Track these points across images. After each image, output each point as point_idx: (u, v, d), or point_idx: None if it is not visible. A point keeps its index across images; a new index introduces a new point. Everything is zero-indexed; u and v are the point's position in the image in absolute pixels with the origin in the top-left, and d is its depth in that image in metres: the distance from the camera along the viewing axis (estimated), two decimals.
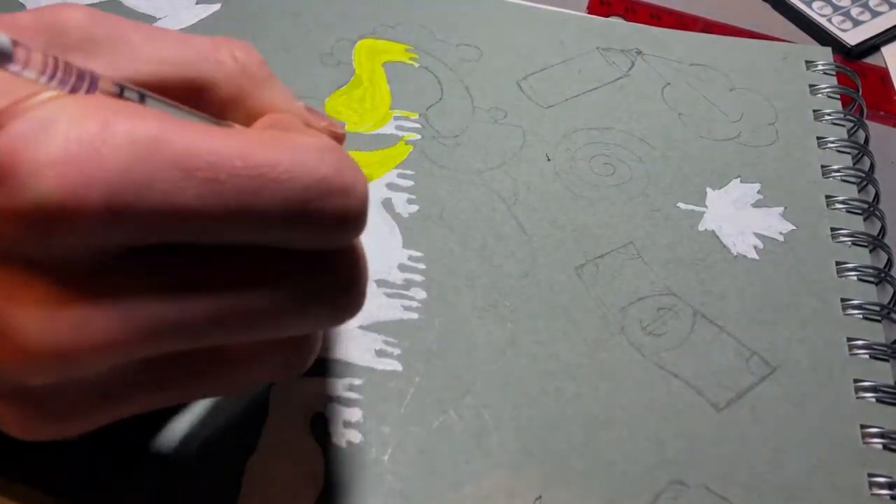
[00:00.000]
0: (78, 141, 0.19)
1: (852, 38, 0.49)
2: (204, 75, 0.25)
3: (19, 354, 0.20)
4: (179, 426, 0.31)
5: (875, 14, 0.51)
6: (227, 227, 0.21)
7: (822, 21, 0.50)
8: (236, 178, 0.20)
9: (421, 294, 0.35)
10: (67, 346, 0.20)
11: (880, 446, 0.32)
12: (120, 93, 0.21)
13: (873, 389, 0.34)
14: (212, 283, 0.21)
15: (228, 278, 0.22)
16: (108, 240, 0.20)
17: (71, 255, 0.20)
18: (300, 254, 0.22)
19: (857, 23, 0.50)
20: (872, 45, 0.50)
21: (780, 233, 0.39)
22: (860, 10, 0.51)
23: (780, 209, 0.40)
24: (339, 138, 0.29)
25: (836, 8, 0.51)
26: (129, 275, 0.21)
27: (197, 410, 0.31)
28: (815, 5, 0.51)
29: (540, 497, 0.30)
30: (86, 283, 0.20)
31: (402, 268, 0.36)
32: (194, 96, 0.25)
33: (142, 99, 0.22)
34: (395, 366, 0.33)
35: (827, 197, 0.41)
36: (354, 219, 0.22)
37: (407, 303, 0.35)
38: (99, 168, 0.19)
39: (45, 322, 0.20)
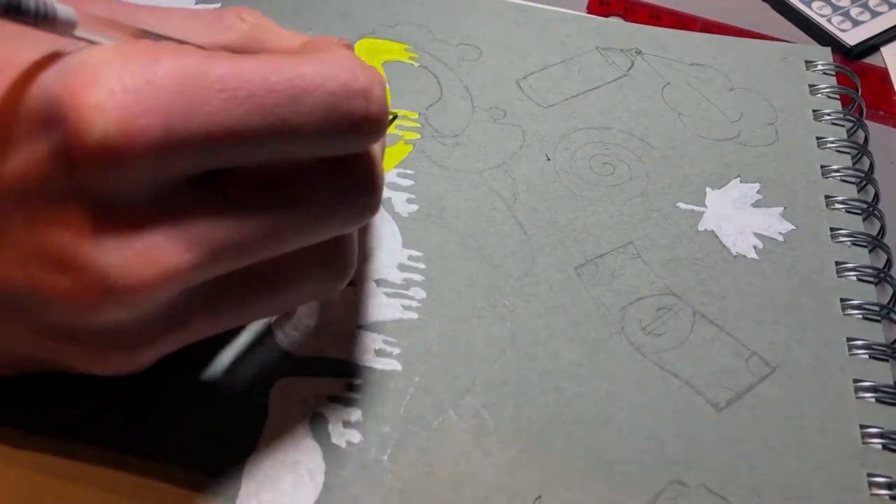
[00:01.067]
0: (131, 75, 0.20)
1: (852, 38, 0.49)
2: (220, 41, 0.28)
3: (95, 290, 0.21)
4: (179, 427, 0.31)
5: (875, 14, 0.51)
6: (269, 139, 0.22)
7: (822, 21, 0.50)
8: (272, 93, 0.22)
9: (420, 294, 0.35)
10: (139, 275, 0.21)
11: (880, 446, 0.32)
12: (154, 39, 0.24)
13: (873, 389, 0.34)
14: (260, 201, 0.24)
15: (273, 194, 0.24)
16: (168, 167, 0.21)
17: (134, 189, 0.21)
18: (326, 161, 0.25)
19: (856, 23, 0.50)
20: (872, 46, 0.50)
21: (780, 233, 0.39)
22: (860, 10, 0.51)
23: (780, 209, 0.40)
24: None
25: (835, 8, 0.51)
26: (188, 203, 0.22)
27: (196, 410, 0.31)
28: (814, 5, 0.51)
29: (539, 497, 0.30)
30: (149, 214, 0.22)
31: (402, 267, 0.36)
32: None
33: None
34: (395, 365, 0.33)
35: (826, 197, 0.41)
36: (376, 118, 0.24)
37: (407, 302, 0.35)
38: (152, 98, 0.20)
39: (115, 255, 0.21)
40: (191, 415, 0.31)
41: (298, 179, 0.25)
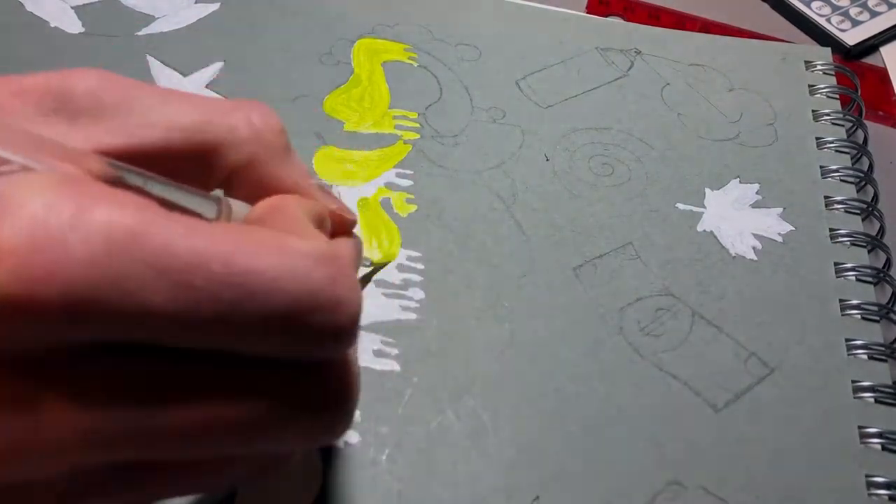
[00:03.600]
0: (45, 226, 0.17)
1: (851, 38, 0.49)
2: (214, 140, 0.24)
3: None
4: None
5: (874, 14, 0.51)
6: (199, 334, 0.19)
7: (822, 21, 0.50)
8: (214, 284, 0.18)
9: (419, 294, 0.35)
10: (13, 446, 0.18)
11: (878, 447, 0.32)
12: (116, 174, 0.20)
13: (871, 390, 0.34)
14: (179, 391, 0.19)
15: (199, 386, 0.20)
16: (65, 337, 0.18)
17: (21, 348, 0.18)
18: (283, 363, 0.21)
19: (856, 23, 0.50)
20: (871, 45, 0.50)
21: (779, 233, 0.39)
22: (859, 10, 0.51)
23: (779, 210, 0.40)
24: (347, 224, 0.28)
25: (834, 8, 0.51)
26: (87, 375, 0.18)
27: None
28: (813, 5, 0.51)
29: (538, 497, 0.30)
30: (35, 379, 0.18)
31: (401, 268, 0.36)
32: (203, 160, 0.24)
33: (144, 182, 0.20)
34: (394, 366, 0.33)
35: (826, 197, 0.41)
36: (344, 335, 0.21)
37: (405, 303, 0.35)
38: (62, 261, 0.17)
39: None
40: None
41: (243, 376, 0.20)
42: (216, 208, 0.22)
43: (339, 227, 0.28)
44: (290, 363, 0.21)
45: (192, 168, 0.24)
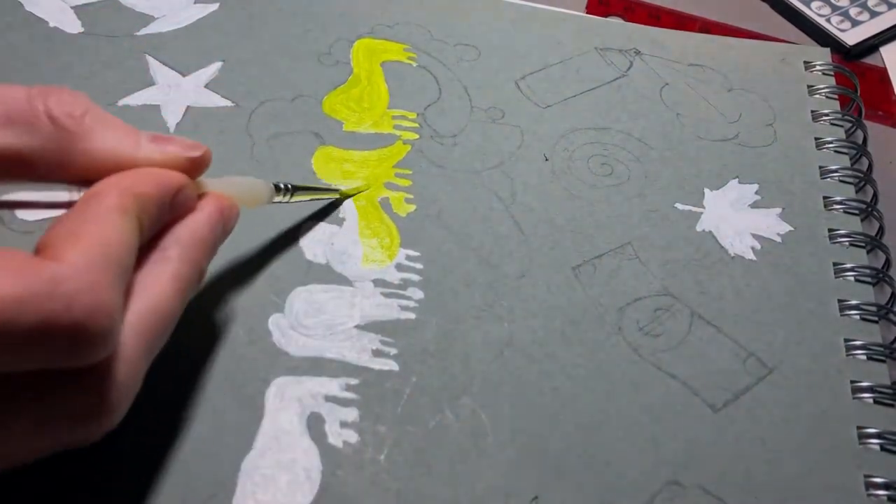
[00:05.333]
0: None
1: (851, 38, 0.49)
2: (17, 144, 0.24)
3: None
4: (176, 425, 0.31)
5: (874, 14, 0.51)
6: None
7: (821, 21, 0.50)
8: None
9: (418, 294, 0.35)
10: None
11: (877, 447, 0.32)
12: None
13: (870, 390, 0.34)
14: None
15: None
16: None
17: None
18: (33, 373, 0.22)
19: (855, 23, 0.50)
20: (871, 46, 0.50)
21: (778, 234, 0.39)
22: (859, 10, 0.51)
23: (778, 210, 0.40)
24: (196, 163, 0.28)
25: (834, 8, 0.51)
26: None
27: (193, 410, 0.31)
28: (813, 5, 0.51)
29: (536, 497, 0.30)
30: None
31: (400, 267, 0.36)
32: (14, 163, 0.24)
33: None
34: (392, 366, 0.33)
35: (825, 198, 0.41)
36: (87, 351, 0.21)
37: (404, 302, 0.35)
38: None
39: None
40: (188, 414, 0.31)
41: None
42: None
43: (191, 169, 0.28)
44: (40, 374, 0.22)
45: (10, 168, 0.24)
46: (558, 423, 0.32)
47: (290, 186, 0.34)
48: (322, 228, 0.37)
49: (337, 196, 0.38)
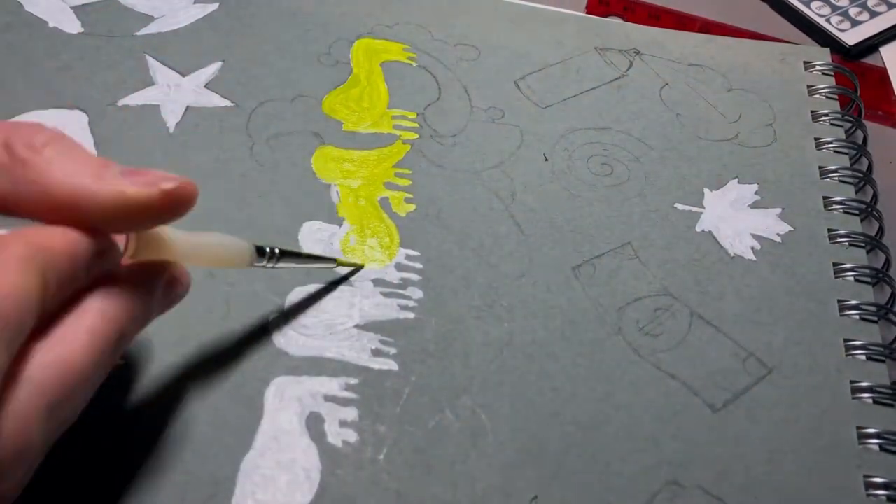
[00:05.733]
0: None
1: (851, 38, 0.49)
2: None
3: None
4: (175, 425, 0.31)
5: (874, 14, 0.51)
6: None
7: (821, 21, 0.50)
8: None
9: (418, 293, 0.35)
10: None
11: (877, 447, 0.32)
12: None
13: (870, 390, 0.34)
14: None
15: None
16: None
17: None
18: None
19: (855, 23, 0.50)
20: (871, 45, 0.50)
21: (778, 234, 0.39)
22: (858, 10, 0.51)
23: (778, 210, 0.40)
24: (171, 196, 0.24)
25: (834, 8, 0.51)
26: None
27: (193, 410, 0.31)
28: (813, 5, 0.51)
29: (536, 497, 0.30)
30: None
31: (400, 267, 0.36)
32: None
33: None
34: (392, 365, 0.33)
35: (824, 198, 0.41)
36: None
37: (404, 302, 0.35)
38: None
39: None
40: (187, 414, 0.31)
41: None
42: None
43: (168, 207, 0.25)
44: None
45: None
46: (558, 422, 0.32)
47: (276, 252, 0.31)
48: (322, 228, 0.37)
49: (332, 266, 0.35)
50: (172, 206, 0.25)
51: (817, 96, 0.45)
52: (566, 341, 0.34)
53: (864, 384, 0.34)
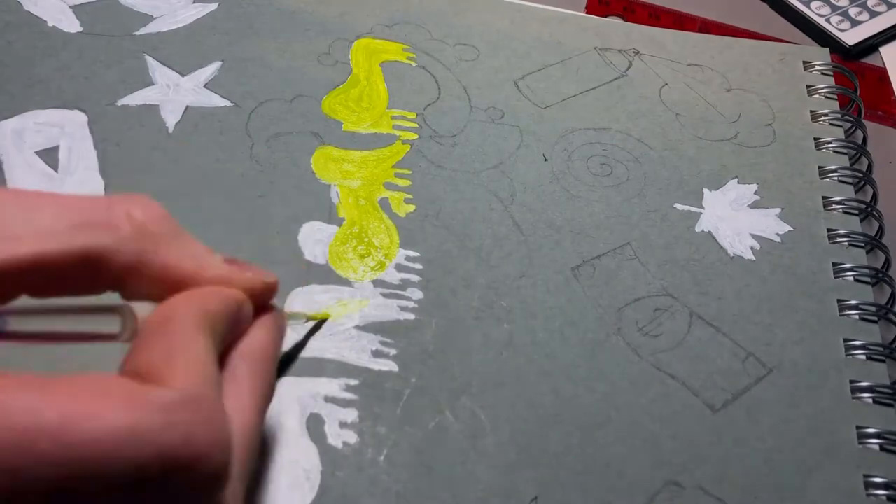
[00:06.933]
0: None
1: (851, 38, 0.49)
2: (95, 244, 0.22)
3: None
4: None
5: (873, 14, 0.51)
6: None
7: (821, 21, 0.50)
8: (36, 464, 0.17)
9: (418, 294, 0.35)
10: None
11: (877, 447, 0.32)
12: None
13: (870, 390, 0.34)
14: None
15: None
16: None
17: None
18: None
19: (855, 23, 0.50)
20: (871, 45, 0.50)
21: (777, 234, 0.39)
22: (858, 10, 0.51)
23: (777, 210, 0.40)
24: (270, 288, 0.27)
25: (834, 8, 0.51)
26: None
27: None
28: (813, 5, 0.51)
29: (536, 498, 0.30)
30: None
31: (399, 268, 0.36)
32: (89, 267, 0.22)
33: None
34: (392, 366, 0.33)
35: (824, 198, 0.41)
36: (206, 488, 0.20)
37: (404, 303, 0.35)
38: None
39: None
40: None
41: None
42: (119, 322, 0.22)
43: (258, 297, 0.27)
44: None
45: (77, 273, 0.22)
46: (558, 423, 0.32)
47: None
48: (322, 229, 0.37)
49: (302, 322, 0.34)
50: (268, 294, 0.27)
51: (817, 96, 0.45)
52: (566, 342, 0.35)
53: (865, 384, 0.34)
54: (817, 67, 0.47)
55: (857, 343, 0.35)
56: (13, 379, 0.18)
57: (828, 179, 0.41)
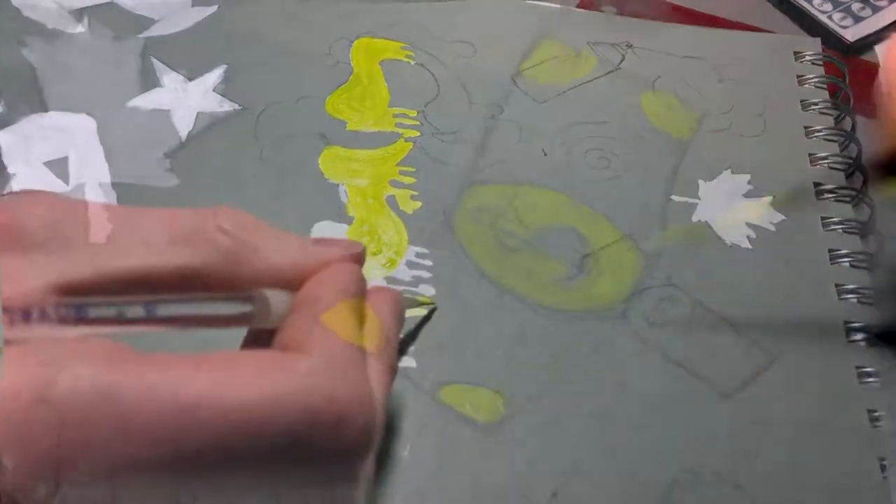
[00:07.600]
0: (13, 399, 0.17)
1: (852, 34, 0.50)
2: (195, 261, 0.23)
3: None
4: None
5: (876, 10, 0.51)
6: (185, 486, 0.19)
7: (822, 17, 0.50)
8: (198, 431, 0.19)
9: (430, 291, 0.36)
10: None
11: (888, 429, 0.33)
12: (82, 316, 0.20)
13: (876, 375, 0.35)
14: None
15: None
16: (33, 493, 0.18)
17: None
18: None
19: (857, 19, 0.50)
20: (872, 42, 0.50)
21: (772, 222, 0.40)
22: (861, 5, 0.51)
23: (770, 199, 0.41)
24: (359, 258, 0.27)
25: (836, 4, 0.51)
26: None
27: None
28: (815, 1, 0.51)
29: (556, 493, 0.31)
30: None
31: (410, 265, 0.37)
32: (188, 278, 0.23)
33: (119, 315, 0.20)
34: (409, 362, 0.34)
35: (815, 185, 0.42)
36: (353, 450, 0.21)
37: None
38: (28, 432, 0.17)
39: None
40: None
41: None
42: (250, 307, 0.23)
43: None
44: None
45: (179, 285, 0.23)
46: (574, 415, 0.33)
47: None
48: (333, 228, 0.38)
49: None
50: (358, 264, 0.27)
51: (807, 86, 0.46)
52: (575, 334, 0.35)
53: (870, 368, 0.35)
54: (808, 57, 0.47)
55: (857, 326, 0.36)
56: (171, 356, 0.20)
57: (818, 167, 0.42)
